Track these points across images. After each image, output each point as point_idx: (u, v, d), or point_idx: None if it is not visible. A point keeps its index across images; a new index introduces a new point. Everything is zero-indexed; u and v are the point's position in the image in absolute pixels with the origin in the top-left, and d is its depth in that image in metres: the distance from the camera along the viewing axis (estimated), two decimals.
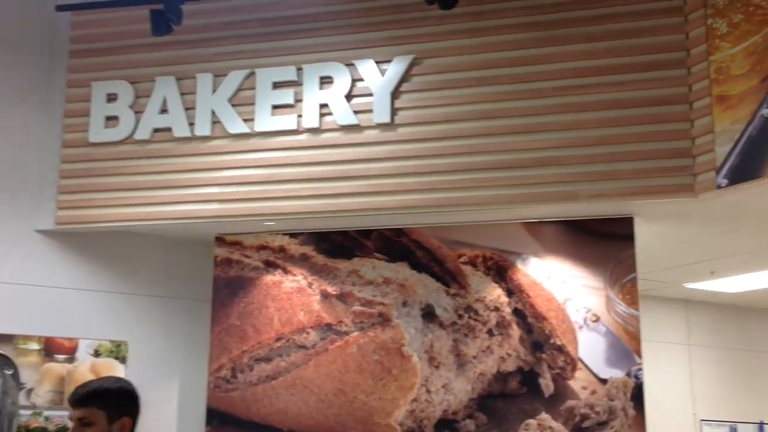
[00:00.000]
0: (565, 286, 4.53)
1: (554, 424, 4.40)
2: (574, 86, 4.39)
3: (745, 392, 7.27)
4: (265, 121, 4.70)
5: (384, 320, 4.62)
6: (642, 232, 4.57)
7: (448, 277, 4.66)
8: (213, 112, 4.76)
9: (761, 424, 7.14)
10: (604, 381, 4.40)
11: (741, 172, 3.95)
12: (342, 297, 4.69)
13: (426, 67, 4.57)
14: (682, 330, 7.13)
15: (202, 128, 4.76)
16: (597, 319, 4.47)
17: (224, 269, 4.91)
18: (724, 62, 4.09)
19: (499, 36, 4.53)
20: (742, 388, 7.28)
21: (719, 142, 4.05)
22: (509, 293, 4.59)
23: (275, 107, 4.71)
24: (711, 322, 7.27)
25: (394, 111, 4.55)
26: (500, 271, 4.62)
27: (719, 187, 4.04)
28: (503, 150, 4.41)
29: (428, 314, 4.62)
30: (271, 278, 4.83)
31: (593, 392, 4.40)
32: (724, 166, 4.02)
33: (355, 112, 4.59)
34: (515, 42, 4.51)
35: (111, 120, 4.90)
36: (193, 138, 4.78)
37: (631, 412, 4.34)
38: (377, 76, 4.59)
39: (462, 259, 4.66)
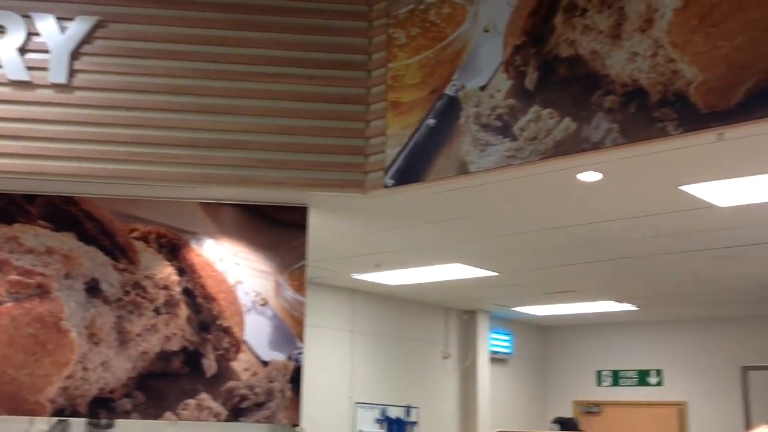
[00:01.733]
0: (237, 269, 4.59)
1: (213, 404, 4.43)
2: (263, 74, 4.45)
3: (397, 378, 7.88)
4: None
5: (43, 292, 4.35)
6: (315, 222, 4.77)
7: (117, 251, 4.50)
8: None
9: (408, 408, 7.78)
10: (265, 363, 4.52)
11: (406, 174, 4.28)
12: None
13: (111, 31, 4.37)
14: (347, 317, 7.54)
15: None
16: (265, 303, 4.58)
17: None
18: (401, 71, 4.39)
19: (194, 12, 4.47)
20: (395, 374, 7.87)
21: (390, 145, 4.35)
22: (180, 272, 4.54)
23: None
24: (373, 311, 7.76)
25: (72, 72, 4.29)
26: (173, 249, 4.55)
27: (386, 186, 4.34)
28: (186, 127, 4.36)
29: (93, 288, 4.42)
30: None
31: (254, 374, 4.50)
32: (391, 167, 4.32)
33: (29, 68, 4.27)
34: (211, 21, 4.47)
35: None
36: None
37: (289, 393, 4.51)
38: (56, 33, 4.30)
39: (134, 234, 4.53)
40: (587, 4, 3.76)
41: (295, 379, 4.53)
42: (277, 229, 4.68)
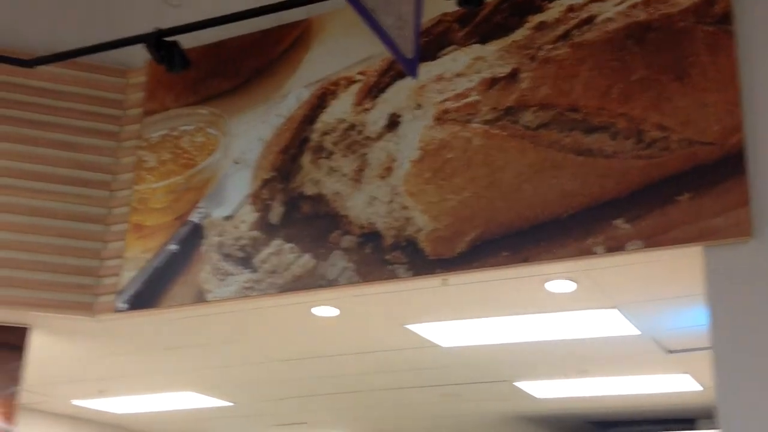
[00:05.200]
0: None
1: None
2: None
3: None
4: None
5: None
6: (36, 343, 4.44)
7: None
8: None
9: None
10: None
11: (141, 299, 4.14)
12: None
13: None
14: None
15: None
16: None
17: None
18: (146, 194, 4.33)
19: None
20: None
21: (127, 267, 4.21)
22: None
23: None
24: None
25: None
26: None
27: (118, 310, 4.17)
28: None
29: None
30: None
31: None
32: (126, 291, 4.17)
33: None
34: None
35: None
36: None
37: None
38: None
39: None
40: (334, 148, 3.97)
41: None
42: None
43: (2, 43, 4.36)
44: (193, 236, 4.15)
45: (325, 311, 4.15)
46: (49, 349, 4.74)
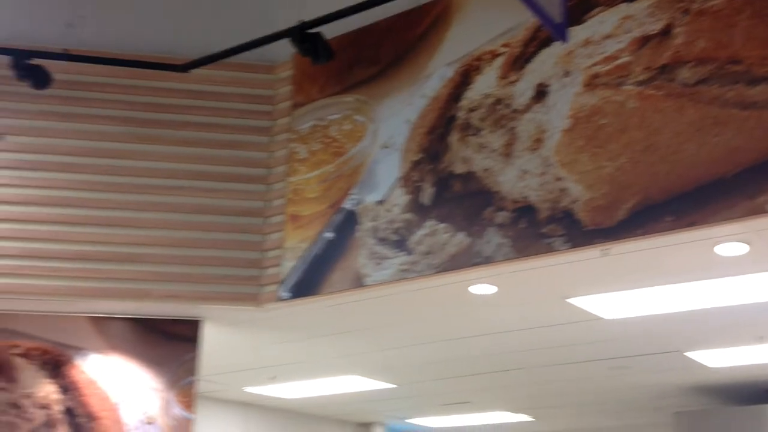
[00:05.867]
0: (124, 386, 4.40)
1: None
2: (160, 186, 4.43)
3: None
4: None
5: None
6: (208, 335, 4.65)
7: None
8: None
9: None
10: None
11: (302, 287, 4.26)
12: None
13: (8, 144, 4.29)
14: None
15: None
16: (152, 422, 4.39)
17: None
18: (300, 184, 4.44)
19: (91, 125, 4.46)
20: None
21: (287, 258, 4.34)
22: (63, 390, 4.32)
23: None
24: (268, 425, 7.53)
25: None
26: (56, 366, 4.34)
27: (281, 299, 4.30)
28: (78, 240, 4.28)
29: None
30: None
31: None
32: (288, 280, 4.30)
33: None
34: (107, 134, 4.46)
35: None
36: None
37: None
38: None
39: (15, 351, 4.31)
40: (481, 124, 3.92)
41: None
42: (168, 344, 4.54)
43: (156, 50, 4.57)
44: (348, 223, 4.22)
45: (482, 289, 4.12)
46: (221, 339, 4.96)
